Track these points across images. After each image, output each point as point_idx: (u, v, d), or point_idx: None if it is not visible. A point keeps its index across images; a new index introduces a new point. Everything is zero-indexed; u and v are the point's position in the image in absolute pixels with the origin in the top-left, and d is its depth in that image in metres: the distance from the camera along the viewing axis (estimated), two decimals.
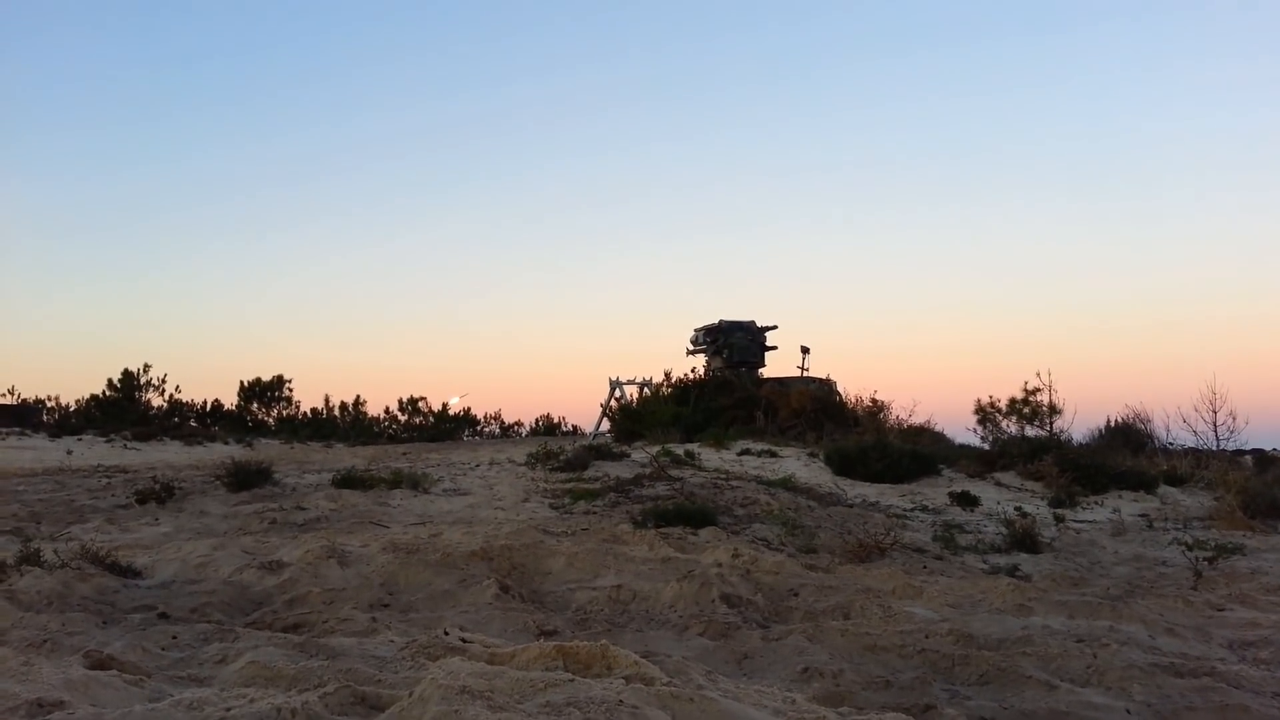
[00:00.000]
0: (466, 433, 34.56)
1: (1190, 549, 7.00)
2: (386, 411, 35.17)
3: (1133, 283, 45.63)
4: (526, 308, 52.67)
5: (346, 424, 33.70)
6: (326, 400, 34.77)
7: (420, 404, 34.93)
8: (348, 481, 10.19)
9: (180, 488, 9.74)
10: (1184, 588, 5.96)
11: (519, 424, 36.26)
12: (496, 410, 36.43)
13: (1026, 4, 48.91)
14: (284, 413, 33.94)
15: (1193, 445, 17.57)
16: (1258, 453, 24.05)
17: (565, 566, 5.44)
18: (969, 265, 49.15)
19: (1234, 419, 17.55)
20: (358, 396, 34.97)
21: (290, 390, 34.26)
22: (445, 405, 34.55)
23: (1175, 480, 13.09)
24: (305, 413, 34.25)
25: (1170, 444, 17.92)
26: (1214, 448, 17.55)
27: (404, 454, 18.89)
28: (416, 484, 10.17)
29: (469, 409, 34.99)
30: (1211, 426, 17.62)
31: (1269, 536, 8.77)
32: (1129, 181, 48.29)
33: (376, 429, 33.79)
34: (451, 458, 16.57)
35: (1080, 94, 49.73)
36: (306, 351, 47.79)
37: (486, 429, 35.66)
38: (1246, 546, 7.79)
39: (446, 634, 3.68)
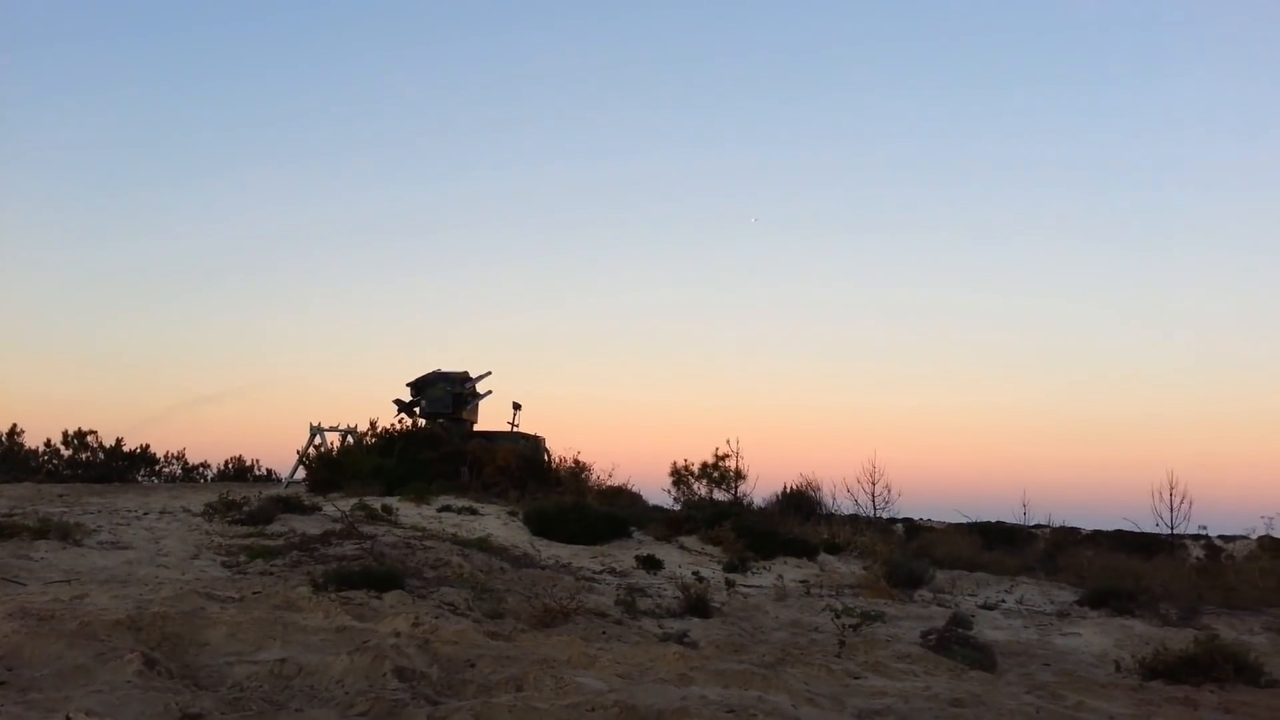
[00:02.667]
0: (142, 473, 31.35)
1: (839, 615, 7.69)
2: (48, 444, 31.18)
3: (810, 364, 50.37)
4: (219, 340, 49.17)
5: None
6: None
7: (90, 438, 31.28)
8: None
9: None
10: (830, 655, 6.54)
11: (205, 465, 33.36)
12: (180, 449, 33.26)
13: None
14: None
15: (854, 513, 19.64)
16: (908, 521, 27.25)
17: (227, 637, 5.08)
18: (677, 330, 51.99)
19: (889, 490, 19.92)
20: (14, 425, 30.79)
21: None
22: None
23: (833, 548, 14.41)
24: None
25: (835, 511, 19.86)
26: (872, 515, 19.69)
27: (61, 495, 16.84)
28: (67, 534, 9.10)
29: (147, 445, 31.80)
30: (870, 497, 19.83)
31: (906, 605, 9.86)
32: (807, 261, 53.51)
33: (33, 463, 29.87)
34: (117, 503, 15.00)
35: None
36: None
37: (166, 469, 32.52)
38: (887, 614, 8.69)
39: (69, 719, 3.33)
